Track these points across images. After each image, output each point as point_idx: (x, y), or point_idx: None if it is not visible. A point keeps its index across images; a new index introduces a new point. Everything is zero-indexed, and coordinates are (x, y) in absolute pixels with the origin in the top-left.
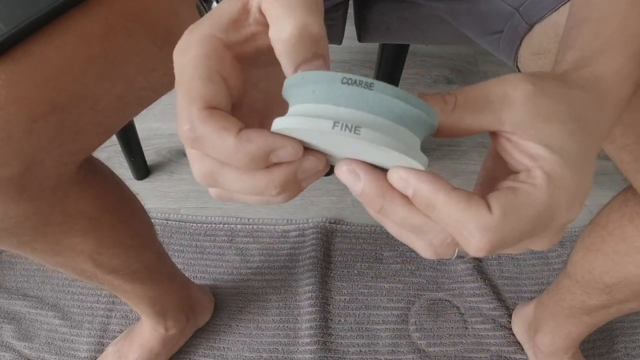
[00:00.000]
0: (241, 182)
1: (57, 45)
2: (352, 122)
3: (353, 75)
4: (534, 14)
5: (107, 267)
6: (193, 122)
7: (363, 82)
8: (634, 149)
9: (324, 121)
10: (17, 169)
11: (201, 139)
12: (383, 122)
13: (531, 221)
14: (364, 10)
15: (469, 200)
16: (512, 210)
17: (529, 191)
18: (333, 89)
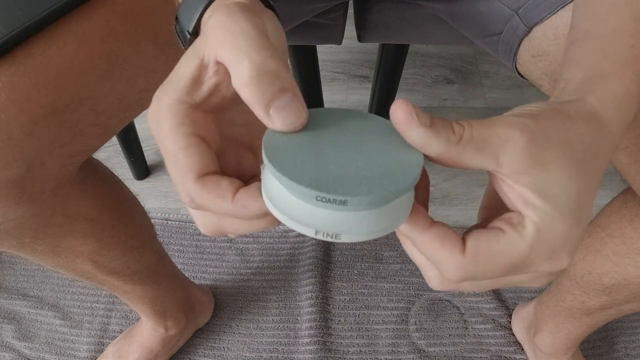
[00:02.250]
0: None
1: (58, 46)
2: (332, 231)
3: (326, 194)
4: (532, 17)
5: (107, 268)
6: (191, 195)
7: (337, 200)
8: (633, 150)
9: (307, 228)
10: (17, 170)
11: (202, 206)
12: (360, 222)
13: (504, 267)
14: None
15: (442, 240)
16: (486, 256)
17: (512, 239)
18: (308, 206)
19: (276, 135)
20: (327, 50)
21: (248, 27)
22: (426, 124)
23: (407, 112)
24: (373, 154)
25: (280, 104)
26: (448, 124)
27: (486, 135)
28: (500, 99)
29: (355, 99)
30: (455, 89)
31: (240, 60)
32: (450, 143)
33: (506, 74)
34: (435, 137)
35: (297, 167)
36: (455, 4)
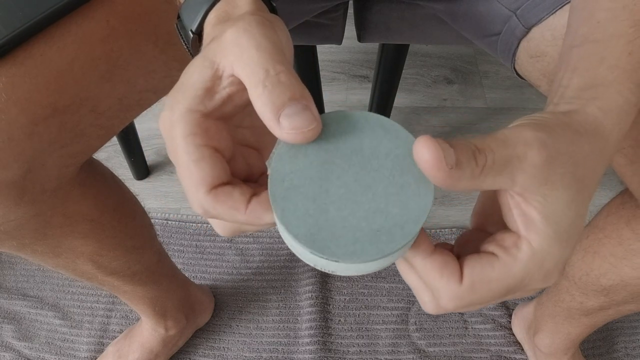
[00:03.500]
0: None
1: (58, 47)
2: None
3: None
4: (531, 17)
5: (107, 269)
6: (204, 207)
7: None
8: (630, 152)
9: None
10: (18, 171)
11: (217, 216)
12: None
13: (500, 292)
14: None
15: (441, 268)
16: (483, 284)
17: (507, 265)
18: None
19: (285, 158)
20: (327, 50)
21: (264, 42)
22: (452, 163)
23: (436, 157)
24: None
25: (291, 111)
26: (471, 156)
27: (506, 157)
28: (500, 99)
29: (355, 99)
30: (455, 89)
31: (255, 73)
32: (475, 177)
33: (506, 74)
34: (460, 176)
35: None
36: (455, 4)
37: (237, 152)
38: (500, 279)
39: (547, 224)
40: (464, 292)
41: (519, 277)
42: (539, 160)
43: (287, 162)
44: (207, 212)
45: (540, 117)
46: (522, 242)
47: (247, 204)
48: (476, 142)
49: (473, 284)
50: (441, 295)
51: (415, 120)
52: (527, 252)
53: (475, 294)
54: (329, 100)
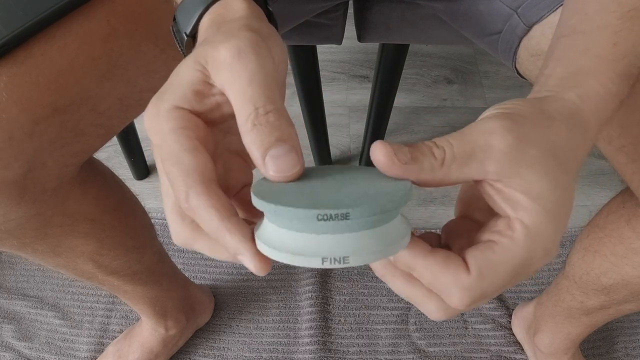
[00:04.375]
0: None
1: (59, 47)
2: (339, 255)
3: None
4: (532, 15)
5: (107, 268)
6: (188, 194)
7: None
8: (631, 150)
9: (312, 259)
10: (18, 171)
11: (193, 209)
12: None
13: (508, 275)
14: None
15: (446, 262)
16: (489, 269)
17: (506, 246)
18: (311, 236)
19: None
20: (327, 50)
21: (258, 74)
22: (406, 160)
23: (386, 155)
24: (362, 184)
25: (276, 153)
26: (428, 151)
27: (468, 148)
28: (500, 99)
29: (355, 99)
30: (455, 89)
31: (245, 108)
32: (435, 169)
33: (506, 74)
34: (418, 169)
35: (292, 197)
36: (455, 3)
37: (219, 160)
38: (505, 262)
39: (532, 201)
40: (473, 281)
41: (521, 257)
42: (505, 146)
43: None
44: (189, 198)
45: (509, 105)
46: (514, 222)
47: (228, 215)
48: (435, 140)
49: (481, 271)
50: (451, 291)
51: (415, 120)
52: (521, 231)
53: (484, 281)
54: (329, 100)
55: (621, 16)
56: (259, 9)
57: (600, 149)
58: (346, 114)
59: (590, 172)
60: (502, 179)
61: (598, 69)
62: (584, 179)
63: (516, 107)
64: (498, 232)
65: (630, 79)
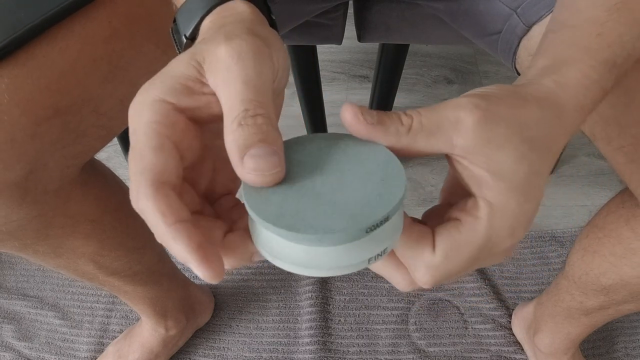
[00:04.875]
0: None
1: (60, 48)
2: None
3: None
4: (531, 15)
5: (108, 269)
6: (138, 194)
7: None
8: (630, 150)
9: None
10: (20, 172)
11: (141, 212)
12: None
13: (472, 256)
14: (364, 10)
15: (418, 240)
16: (454, 250)
17: (471, 225)
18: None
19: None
20: (327, 50)
21: (254, 78)
22: (372, 121)
23: (353, 114)
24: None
25: (257, 153)
26: (396, 117)
27: (435, 120)
28: None
29: (355, 99)
30: (455, 89)
31: (235, 108)
32: (400, 134)
33: (506, 74)
34: (383, 131)
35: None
36: (455, 3)
37: (207, 161)
38: (469, 241)
39: (496, 179)
40: (438, 261)
41: (485, 236)
42: (472, 121)
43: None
44: (138, 202)
45: (483, 88)
46: (479, 200)
47: (175, 220)
48: (405, 110)
49: (446, 252)
50: (417, 267)
51: None
52: (485, 209)
53: (449, 262)
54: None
55: (608, 9)
56: (261, 15)
57: (599, 149)
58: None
59: (590, 172)
60: (468, 155)
61: (580, 58)
62: (584, 179)
63: (490, 90)
64: (465, 211)
65: (614, 68)
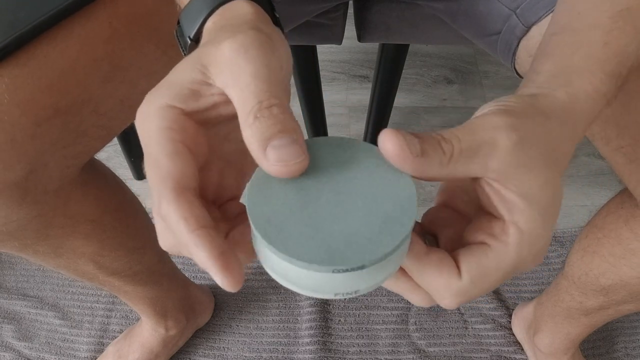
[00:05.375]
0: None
1: (61, 48)
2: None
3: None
4: (530, 16)
5: (108, 269)
6: (161, 202)
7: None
8: (629, 151)
9: (326, 294)
10: (20, 172)
11: (164, 217)
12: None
13: (498, 280)
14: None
15: (439, 266)
16: (481, 277)
17: (500, 252)
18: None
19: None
20: (327, 50)
21: (262, 70)
22: (417, 152)
23: (398, 146)
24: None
25: (279, 143)
26: (437, 145)
27: (474, 144)
28: None
29: (355, 99)
30: (455, 89)
31: (248, 101)
32: (443, 165)
33: (506, 74)
34: (427, 164)
35: (302, 243)
36: (455, 3)
37: (214, 165)
38: (497, 268)
39: (529, 206)
40: (465, 287)
41: (513, 262)
42: (510, 144)
43: (263, 202)
44: (161, 209)
45: (507, 102)
46: (509, 227)
47: (198, 226)
48: (442, 133)
49: (472, 278)
50: (443, 294)
51: (415, 120)
52: (516, 236)
53: (475, 287)
54: (329, 100)
55: (612, 15)
56: (265, 14)
57: (598, 149)
58: (346, 114)
59: (590, 172)
60: (501, 178)
61: (588, 69)
62: (584, 179)
63: (516, 104)
64: (492, 236)
65: (619, 79)
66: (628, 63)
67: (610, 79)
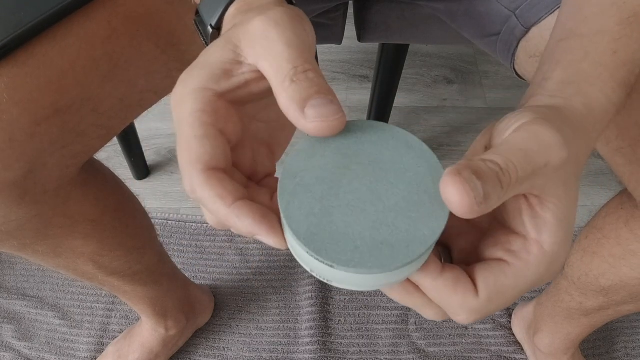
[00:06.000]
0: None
1: (60, 48)
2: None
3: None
4: (530, 17)
5: (108, 269)
6: (193, 185)
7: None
8: (628, 152)
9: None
10: (19, 172)
11: (200, 200)
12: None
13: (514, 297)
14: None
15: (455, 284)
16: (499, 294)
17: (520, 270)
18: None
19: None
20: (327, 50)
21: (294, 39)
22: (481, 200)
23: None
24: (389, 208)
25: (317, 103)
26: (497, 182)
27: (530, 171)
28: (500, 99)
29: (355, 99)
30: (455, 89)
31: (283, 68)
32: (500, 199)
33: (506, 74)
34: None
35: (301, 213)
36: (454, 4)
37: (247, 144)
38: (515, 286)
39: (560, 227)
40: (482, 305)
41: (531, 281)
42: (559, 163)
43: (303, 160)
44: (194, 190)
45: (544, 112)
46: (532, 245)
47: (234, 200)
48: (499, 162)
49: (490, 296)
50: (458, 312)
51: (415, 120)
52: (537, 256)
53: (492, 305)
54: None
55: (620, 22)
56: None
57: (597, 150)
58: (346, 114)
59: (590, 172)
60: (542, 195)
61: (600, 78)
62: (584, 179)
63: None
64: (512, 253)
65: (628, 87)
66: (636, 71)
67: (620, 88)
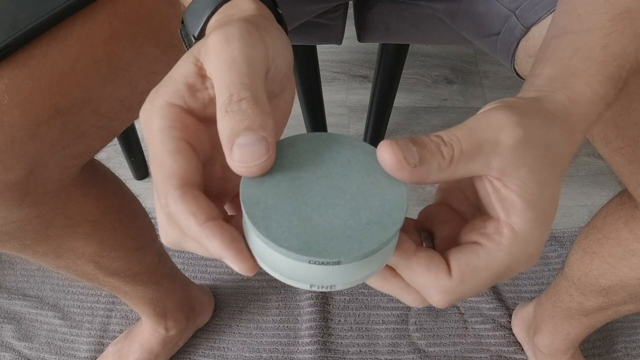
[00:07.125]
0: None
1: (60, 49)
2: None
3: (319, 259)
4: (530, 17)
5: (108, 270)
6: (167, 199)
7: (330, 262)
8: (628, 152)
9: (301, 283)
10: (20, 173)
11: (172, 215)
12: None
13: (489, 279)
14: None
15: (428, 264)
16: (471, 274)
17: (492, 252)
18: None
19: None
20: (327, 50)
21: (239, 60)
22: (415, 162)
23: (395, 158)
24: (356, 194)
25: (243, 142)
26: (436, 149)
27: (475, 144)
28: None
29: (355, 99)
30: (455, 89)
31: (221, 94)
32: (442, 169)
33: (506, 74)
34: (425, 172)
35: (284, 229)
36: (454, 3)
37: (217, 160)
38: (488, 267)
39: (527, 207)
40: (454, 285)
41: (505, 263)
42: (513, 142)
43: (255, 187)
44: (167, 205)
45: (511, 100)
46: (504, 227)
47: (206, 219)
48: (442, 135)
49: (462, 276)
50: (432, 292)
51: (415, 120)
52: (510, 237)
53: (465, 285)
54: (329, 100)
55: (612, 18)
56: (267, 10)
57: (597, 150)
58: (346, 114)
59: (590, 172)
60: (503, 177)
61: (587, 71)
62: (584, 179)
63: (518, 103)
64: (485, 235)
65: (618, 82)
66: (627, 65)
67: (609, 82)
